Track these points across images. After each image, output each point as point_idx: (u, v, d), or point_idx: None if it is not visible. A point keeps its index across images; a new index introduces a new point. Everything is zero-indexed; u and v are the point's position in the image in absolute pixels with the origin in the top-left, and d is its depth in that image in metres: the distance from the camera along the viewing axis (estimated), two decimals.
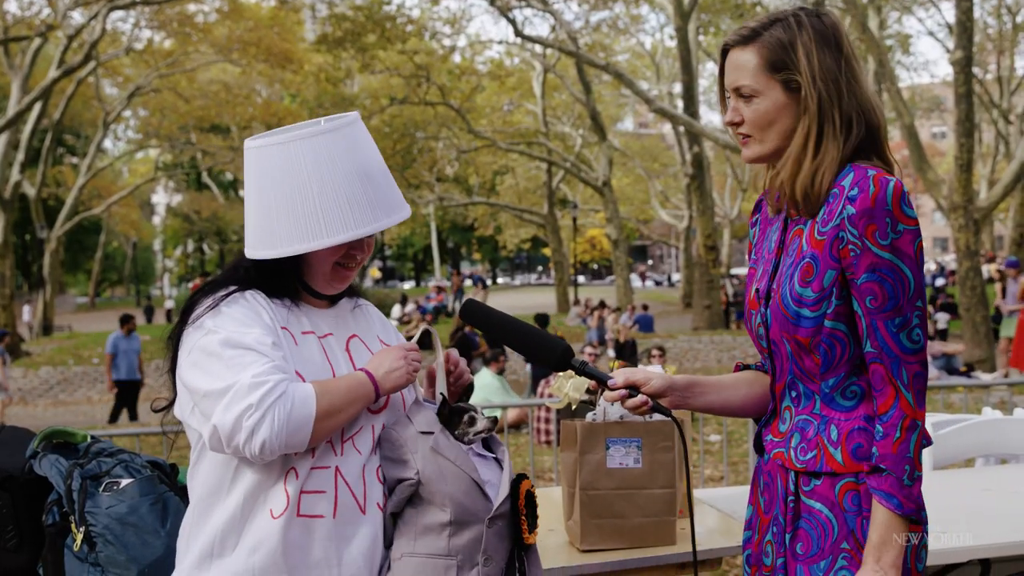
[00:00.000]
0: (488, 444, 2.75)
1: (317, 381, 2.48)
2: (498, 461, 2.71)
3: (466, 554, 2.55)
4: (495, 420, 2.71)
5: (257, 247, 2.55)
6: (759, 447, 2.63)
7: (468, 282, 47.15)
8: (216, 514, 2.51)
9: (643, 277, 74.51)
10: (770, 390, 2.61)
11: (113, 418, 18.49)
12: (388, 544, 2.62)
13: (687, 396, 2.64)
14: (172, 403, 2.64)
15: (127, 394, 18.39)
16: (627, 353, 21.46)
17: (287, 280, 2.62)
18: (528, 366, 20.89)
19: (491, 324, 2.73)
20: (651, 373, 2.60)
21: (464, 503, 2.55)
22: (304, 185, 2.47)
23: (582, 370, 2.61)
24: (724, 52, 2.52)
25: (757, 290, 2.55)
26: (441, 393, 2.73)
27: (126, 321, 18.77)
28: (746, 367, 2.78)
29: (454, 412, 2.69)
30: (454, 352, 2.86)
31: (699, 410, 2.73)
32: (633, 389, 2.54)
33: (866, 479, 2.34)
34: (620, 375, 2.56)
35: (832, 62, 2.40)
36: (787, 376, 2.52)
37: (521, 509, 2.64)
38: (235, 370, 2.36)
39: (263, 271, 2.59)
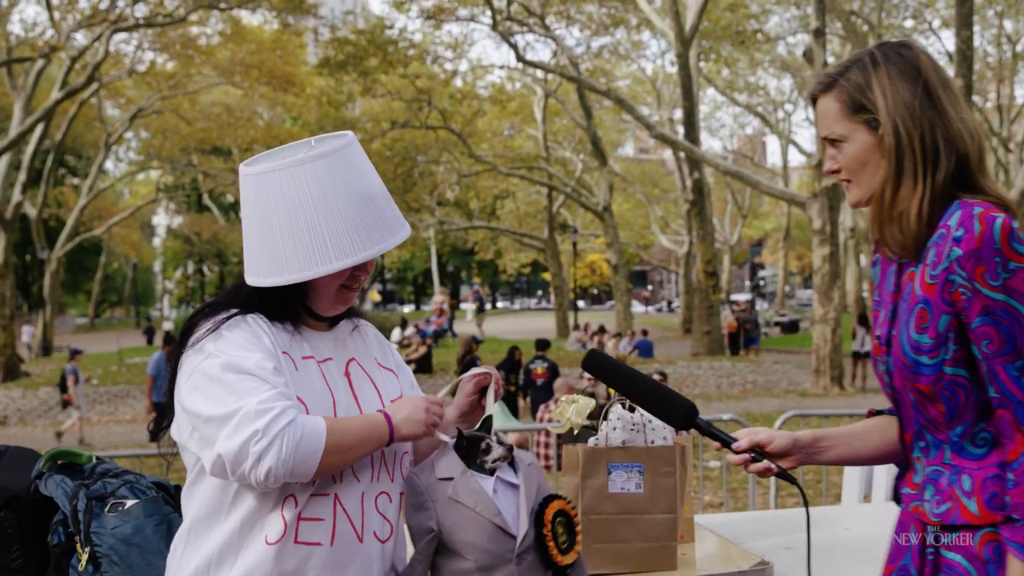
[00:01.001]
0: (515, 466, 2.69)
1: (330, 418, 2.45)
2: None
3: None
4: (511, 448, 2.64)
5: (262, 274, 2.52)
6: (896, 498, 2.54)
7: (465, 305, 46.83)
8: (212, 537, 2.49)
9: (647, 302, 74.25)
10: (900, 440, 2.51)
11: (153, 438, 18.52)
12: None
13: (813, 452, 2.57)
14: (170, 424, 2.63)
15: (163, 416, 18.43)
16: None
17: (290, 304, 2.59)
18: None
19: (614, 376, 2.69)
20: (774, 433, 2.52)
21: (487, 548, 2.52)
22: (310, 210, 2.45)
23: (707, 430, 2.54)
24: (813, 102, 2.49)
25: (879, 336, 2.47)
26: (458, 428, 2.68)
27: (169, 342, 18.70)
28: (878, 413, 2.65)
29: (471, 442, 2.64)
30: (494, 371, 2.83)
31: (827, 464, 2.66)
32: (758, 452, 2.49)
33: (1000, 530, 2.23)
34: (745, 437, 2.50)
35: (909, 95, 2.32)
36: (914, 426, 2.42)
37: (547, 534, 2.58)
38: (238, 395, 2.33)
39: (265, 295, 2.56)
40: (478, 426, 2.71)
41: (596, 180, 44.41)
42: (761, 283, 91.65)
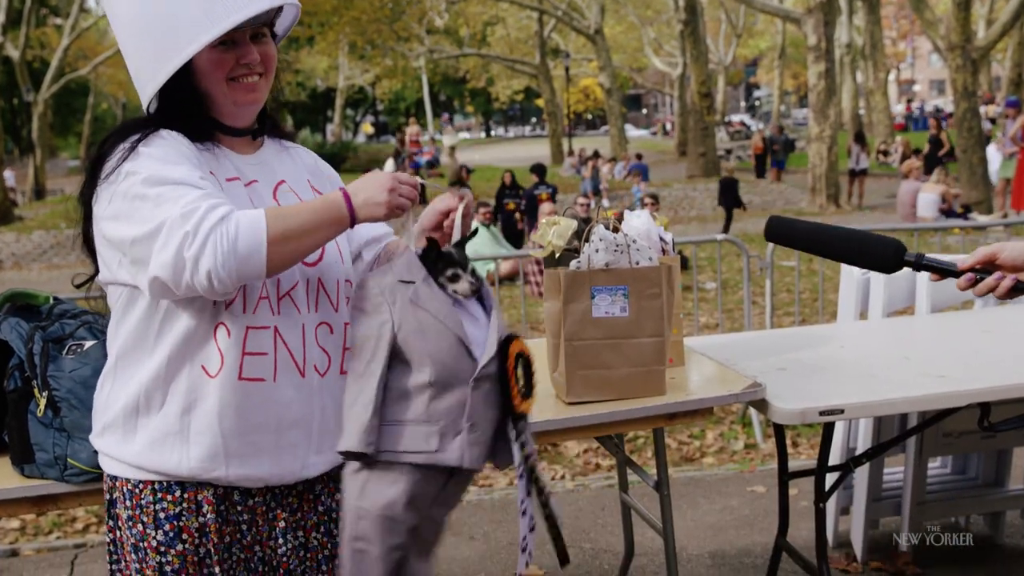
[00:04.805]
0: (481, 297, 2.44)
1: (271, 207, 2.26)
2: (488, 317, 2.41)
3: (449, 420, 2.29)
4: (479, 284, 2.39)
5: (144, 90, 2.35)
6: None
7: (448, 138, 45.94)
8: (140, 372, 2.33)
9: (665, 129, 72.92)
10: None
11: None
12: (333, 414, 2.43)
13: None
14: (94, 276, 2.46)
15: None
16: (731, 192, 21.40)
17: (197, 118, 2.39)
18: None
19: (800, 237, 2.49)
20: (1003, 244, 2.20)
21: (447, 362, 2.28)
22: (154, 3, 2.27)
23: (921, 264, 2.27)
24: None
25: None
26: (428, 237, 2.41)
27: None
28: None
29: (441, 258, 2.37)
30: (468, 194, 2.59)
31: None
32: (982, 272, 2.19)
33: None
34: (973, 254, 2.18)
35: None
36: None
37: (511, 372, 2.35)
38: (165, 207, 2.13)
39: (170, 113, 2.37)
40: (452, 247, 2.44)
41: (587, 2, 43.64)
42: (756, 103, 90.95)
